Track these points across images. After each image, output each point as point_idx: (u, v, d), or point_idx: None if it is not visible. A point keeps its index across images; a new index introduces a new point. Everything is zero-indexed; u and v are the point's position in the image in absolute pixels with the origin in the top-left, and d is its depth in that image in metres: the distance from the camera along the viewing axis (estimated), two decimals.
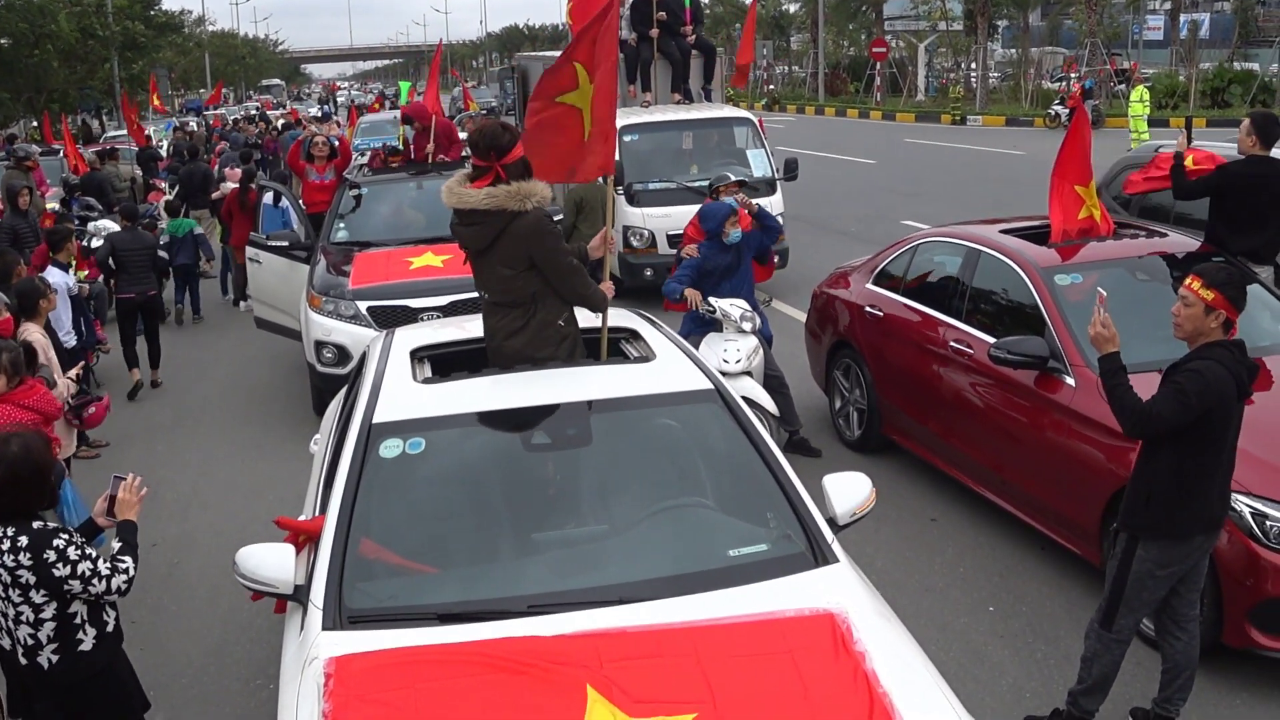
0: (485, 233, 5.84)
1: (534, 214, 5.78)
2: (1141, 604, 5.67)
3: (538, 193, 5.81)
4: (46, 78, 44.16)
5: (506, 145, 5.79)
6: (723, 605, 4.38)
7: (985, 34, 52.99)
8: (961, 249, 8.95)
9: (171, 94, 74.62)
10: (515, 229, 5.76)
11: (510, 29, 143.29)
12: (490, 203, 5.74)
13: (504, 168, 5.78)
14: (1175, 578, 5.62)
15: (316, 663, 4.20)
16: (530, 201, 5.76)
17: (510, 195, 5.73)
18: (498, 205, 5.74)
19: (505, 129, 5.90)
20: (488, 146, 5.80)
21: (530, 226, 5.77)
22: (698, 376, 5.59)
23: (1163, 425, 5.34)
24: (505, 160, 5.78)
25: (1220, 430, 5.43)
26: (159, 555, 8.50)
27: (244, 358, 14.40)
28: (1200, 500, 5.47)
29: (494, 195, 5.74)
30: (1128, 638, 5.76)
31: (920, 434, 9.05)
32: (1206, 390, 5.27)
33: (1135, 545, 5.57)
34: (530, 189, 5.77)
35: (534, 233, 5.78)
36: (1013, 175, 26.64)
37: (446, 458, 5.27)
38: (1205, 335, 5.45)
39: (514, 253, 5.82)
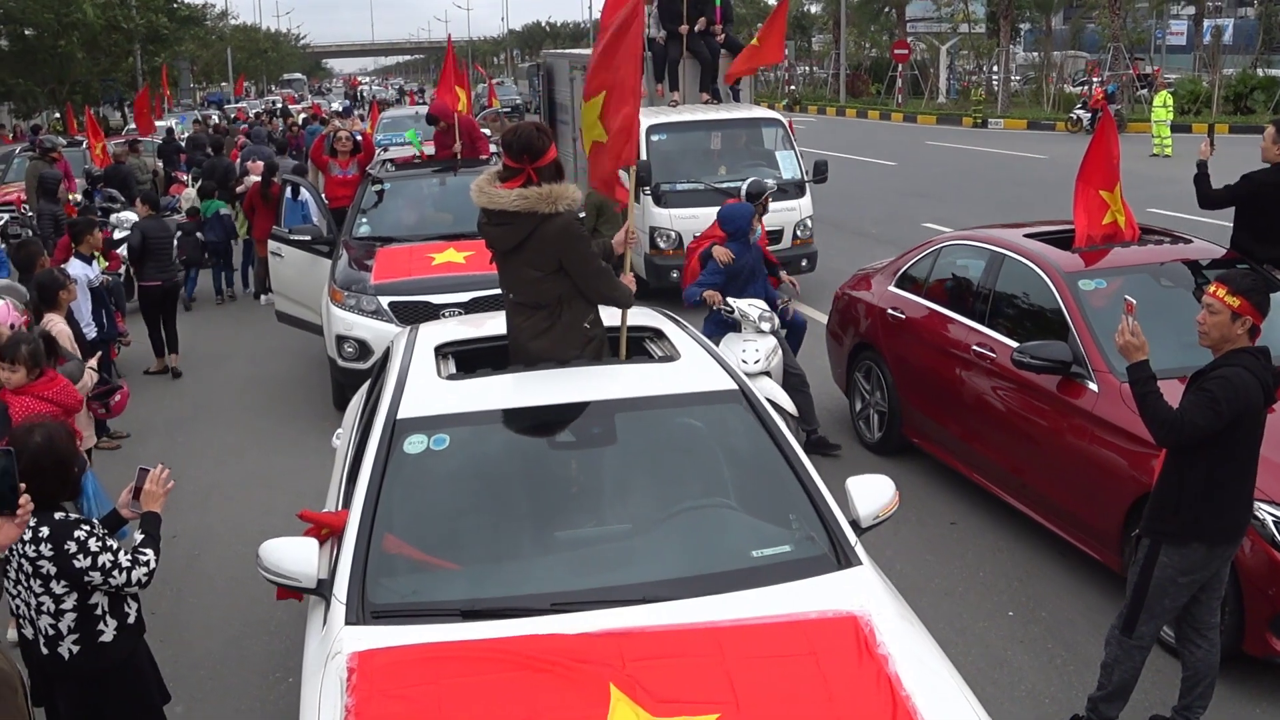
0: (515, 234, 5.80)
1: (565, 217, 5.74)
2: (1163, 610, 5.63)
3: (568, 196, 5.75)
4: (70, 69, 44.35)
5: (540, 148, 5.75)
6: (746, 606, 4.38)
7: (1008, 37, 52.85)
8: (985, 253, 8.93)
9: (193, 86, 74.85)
10: (545, 231, 5.72)
11: (532, 26, 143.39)
12: (522, 204, 5.71)
13: (536, 170, 5.74)
14: (1197, 585, 5.59)
15: (340, 657, 4.21)
16: (561, 204, 5.71)
17: (542, 198, 5.69)
18: (528, 207, 5.70)
19: (540, 131, 5.86)
20: (521, 149, 5.76)
21: (561, 229, 5.73)
22: (722, 376, 5.58)
23: (1195, 433, 5.31)
24: (538, 163, 5.74)
25: (1246, 437, 5.40)
26: (179, 547, 8.52)
27: (265, 351, 14.44)
28: (1226, 508, 5.44)
29: (525, 197, 5.70)
30: (1148, 644, 5.73)
31: (941, 437, 9.04)
32: (1235, 397, 5.25)
33: (1158, 551, 5.53)
34: (561, 192, 5.72)
35: (564, 236, 5.74)
36: (1034, 179, 26.59)
37: (470, 454, 5.27)
38: (1231, 342, 5.41)
39: (543, 255, 5.78)
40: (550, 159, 5.79)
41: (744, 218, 9.49)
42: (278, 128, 31.88)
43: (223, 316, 16.82)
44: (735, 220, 9.52)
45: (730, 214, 9.62)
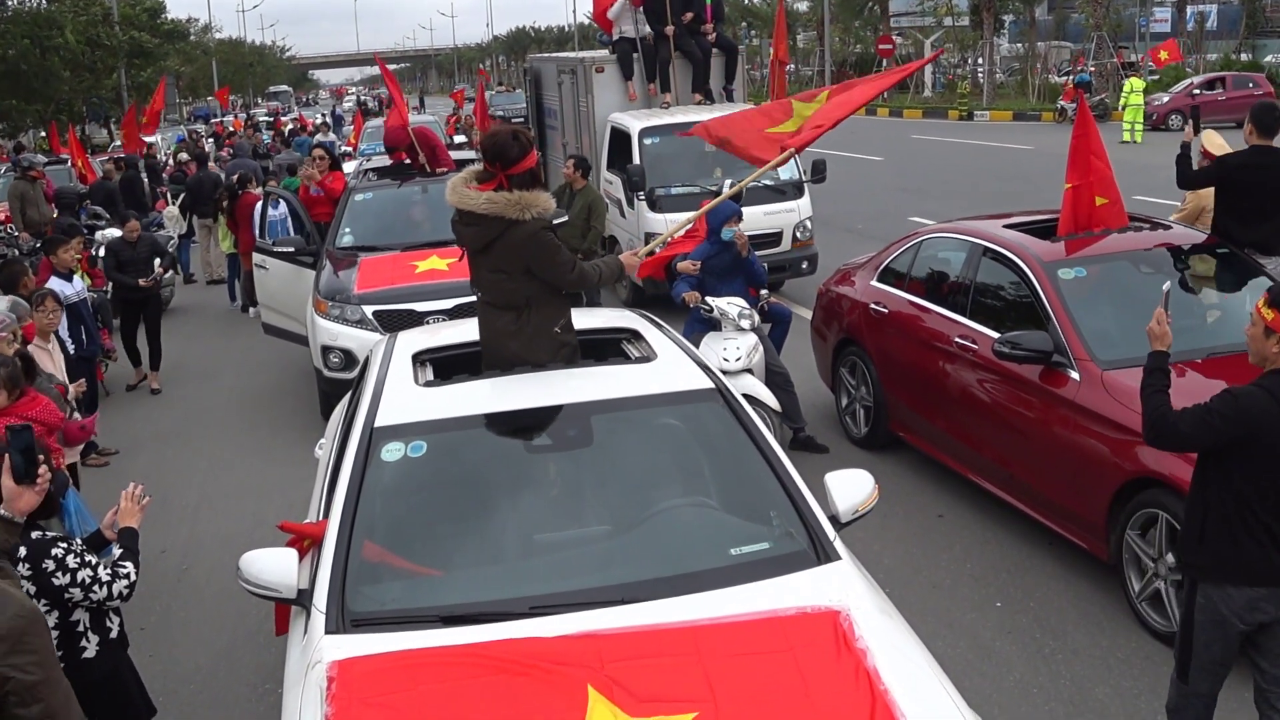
0: (483, 235, 5.85)
1: (531, 225, 5.74)
2: (1212, 661, 5.08)
3: (539, 204, 5.78)
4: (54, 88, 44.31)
5: (514, 157, 5.79)
6: (724, 604, 4.38)
7: (991, 29, 52.98)
8: (965, 244, 8.94)
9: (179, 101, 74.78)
10: (511, 237, 5.75)
11: (517, 31, 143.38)
12: (489, 208, 5.74)
13: (509, 176, 5.78)
14: (1242, 635, 5.01)
15: (319, 666, 4.20)
16: (530, 211, 5.73)
17: (510, 203, 5.72)
18: (496, 211, 5.73)
19: (517, 140, 5.87)
20: (495, 154, 5.81)
21: (527, 237, 5.75)
22: (699, 376, 5.59)
23: (1177, 440, 5.02)
24: (511, 170, 5.79)
25: (1269, 466, 4.84)
26: (168, 561, 8.52)
27: (252, 364, 14.44)
28: (1259, 544, 4.88)
29: (494, 201, 5.74)
30: (1207, 696, 5.20)
31: (927, 430, 9.05)
32: (1237, 416, 4.81)
33: (1195, 589, 5.09)
34: (532, 199, 5.75)
35: (530, 243, 5.76)
36: (1020, 170, 26.62)
37: (448, 460, 5.27)
38: (1270, 361, 4.90)
39: (508, 259, 5.83)
40: (524, 167, 5.81)
41: (717, 216, 9.49)
42: (261, 140, 31.86)
43: (211, 330, 16.82)
44: (708, 217, 9.53)
45: (712, 210, 9.65)
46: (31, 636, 3.54)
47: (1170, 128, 35.63)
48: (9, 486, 4.12)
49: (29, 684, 3.49)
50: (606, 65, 17.22)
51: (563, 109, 18.87)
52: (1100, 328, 7.61)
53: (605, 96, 17.04)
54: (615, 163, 15.97)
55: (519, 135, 5.94)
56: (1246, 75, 39.52)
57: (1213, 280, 8.31)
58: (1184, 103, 35.20)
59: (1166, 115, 36.21)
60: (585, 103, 17.36)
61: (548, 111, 20.27)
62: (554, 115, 19.62)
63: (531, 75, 22.04)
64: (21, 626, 3.52)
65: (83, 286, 11.99)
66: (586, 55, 19.08)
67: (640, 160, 15.10)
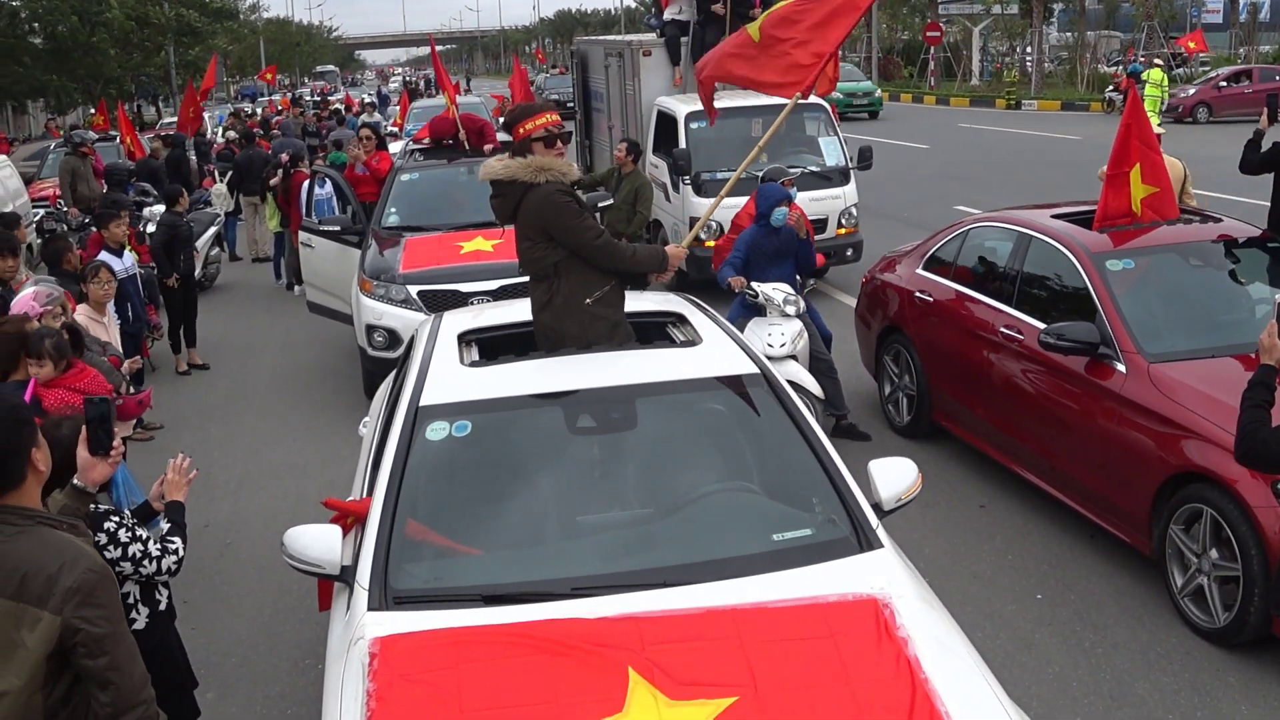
0: (506, 204, 6.04)
1: (545, 187, 5.89)
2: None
3: (555, 168, 5.94)
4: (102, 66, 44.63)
5: (511, 121, 6.10)
6: (766, 589, 4.38)
7: (1041, 18, 52.50)
8: (1012, 234, 8.88)
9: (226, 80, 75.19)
10: (528, 200, 5.93)
11: (563, 13, 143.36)
12: (505, 173, 5.96)
13: (513, 146, 6.04)
14: None
15: (362, 642, 4.23)
16: (544, 175, 5.90)
17: (524, 167, 5.91)
18: (510, 175, 5.94)
19: (521, 110, 6.15)
20: (506, 125, 6.23)
21: (540, 199, 5.89)
22: (744, 360, 5.58)
23: (1266, 458, 4.84)
24: (514, 138, 6.03)
25: None
26: (211, 536, 8.60)
27: (297, 341, 14.53)
28: None
29: (509, 166, 5.96)
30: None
31: (970, 420, 9.00)
32: None
33: None
34: (548, 164, 5.93)
35: (543, 205, 5.89)
36: (1068, 160, 26.40)
37: (492, 440, 5.29)
38: None
39: (529, 224, 5.98)
40: (515, 137, 6.02)
41: (766, 199, 9.49)
42: (311, 119, 32.01)
43: (255, 307, 16.92)
44: (756, 201, 9.53)
45: (761, 192, 9.64)
46: (101, 592, 3.62)
47: (1197, 120, 35.33)
48: (84, 457, 4.17)
49: (97, 637, 3.58)
50: (654, 49, 17.17)
51: (609, 92, 18.82)
52: (1147, 320, 7.55)
53: (652, 80, 17.00)
54: (661, 147, 15.94)
55: (522, 108, 6.23)
56: (1273, 69, 39.08)
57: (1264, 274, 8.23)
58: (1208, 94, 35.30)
59: (1193, 107, 35.84)
60: (632, 86, 17.32)
61: (594, 95, 20.25)
62: (600, 99, 19.59)
63: (578, 58, 21.98)
64: (93, 580, 3.60)
65: (132, 262, 12.08)
66: (634, 39, 19.03)
67: (686, 145, 15.06)
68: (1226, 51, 53.95)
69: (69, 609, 3.53)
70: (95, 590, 3.60)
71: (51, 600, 3.53)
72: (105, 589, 3.65)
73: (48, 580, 3.54)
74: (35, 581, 3.54)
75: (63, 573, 3.55)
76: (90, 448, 4.16)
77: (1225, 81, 37.11)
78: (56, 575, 3.55)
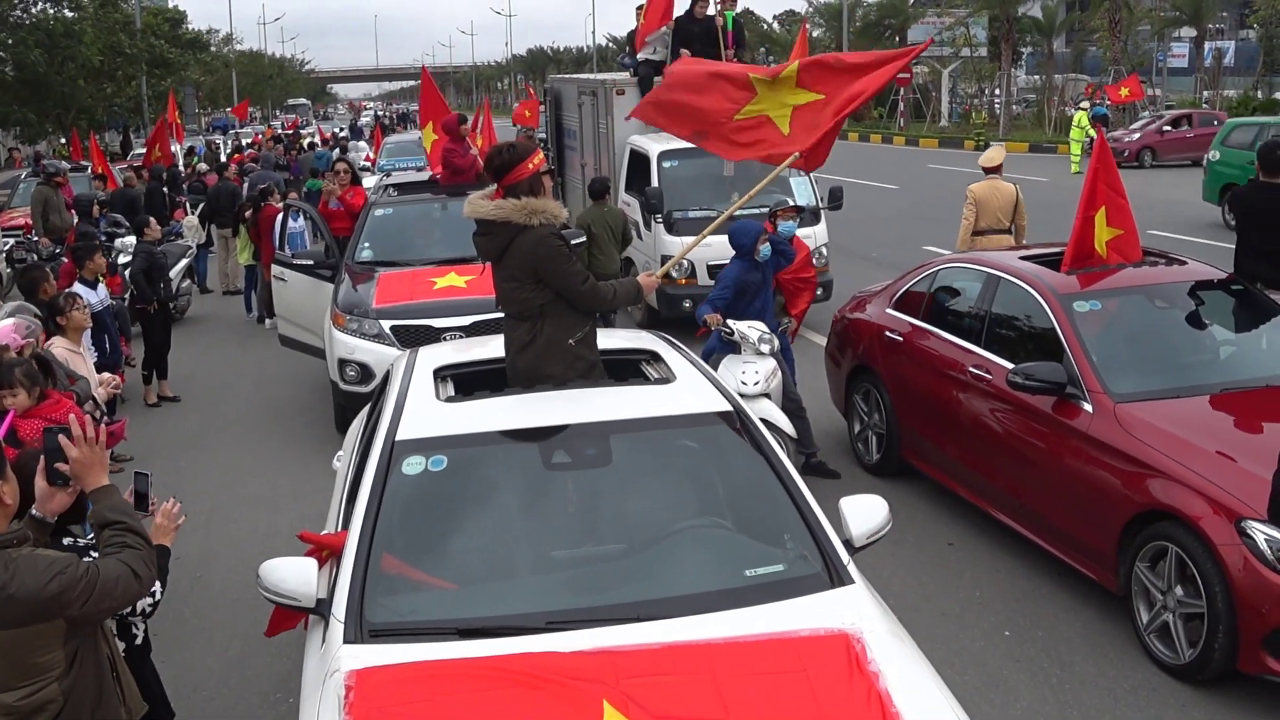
0: (496, 244, 6.02)
1: (538, 230, 5.90)
2: None
3: (547, 210, 5.95)
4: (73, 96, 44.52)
5: (499, 167, 6.02)
6: (739, 624, 4.43)
7: (1009, 61, 53.10)
8: (981, 274, 9.00)
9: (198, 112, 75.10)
10: (520, 243, 5.93)
11: (536, 51, 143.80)
12: (497, 214, 5.94)
13: (505, 187, 5.98)
14: None
15: (337, 675, 4.26)
16: (537, 218, 5.90)
17: (518, 209, 5.90)
18: (504, 217, 5.92)
19: (500, 151, 6.09)
20: (487, 168, 6.12)
21: (534, 242, 5.90)
22: (717, 398, 5.65)
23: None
24: (505, 180, 5.98)
25: None
26: (181, 568, 8.56)
27: (269, 375, 14.52)
28: None
29: (501, 207, 5.94)
30: None
31: (939, 458, 9.09)
32: None
33: None
34: (539, 206, 5.92)
35: (537, 248, 5.91)
36: (1035, 202, 26.50)
37: (468, 475, 5.33)
38: None
39: (518, 266, 5.98)
40: (517, 176, 5.97)
41: (748, 235, 9.55)
42: (281, 152, 32.00)
43: (226, 340, 16.90)
44: (737, 237, 9.59)
45: (736, 231, 9.69)
46: (68, 591, 3.74)
47: (1144, 164, 35.80)
48: (41, 487, 4.17)
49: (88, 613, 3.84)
50: (627, 88, 17.31)
51: (582, 130, 18.95)
52: (1114, 361, 7.66)
53: None
54: (634, 185, 16.05)
55: (505, 146, 6.14)
56: (1211, 114, 39.85)
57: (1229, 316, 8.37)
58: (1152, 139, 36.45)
59: (1139, 151, 36.33)
60: (605, 124, 17.44)
61: (567, 132, 20.37)
62: (573, 136, 19.71)
63: (551, 96, 22.11)
64: (56, 587, 3.73)
65: (105, 294, 12.08)
66: (608, 77, 19.17)
67: (658, 183, 15.16)
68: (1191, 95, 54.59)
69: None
70: (63, 593, 3.72)
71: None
72: (70, 586, 3.76)
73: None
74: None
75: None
76: (48, 477, 4.15)
77: (1168, 126, 37.69)
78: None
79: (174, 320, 15.35)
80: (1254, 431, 7.06)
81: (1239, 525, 6.20)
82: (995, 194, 12.97)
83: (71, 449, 4.07)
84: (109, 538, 4.07)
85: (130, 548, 4.03)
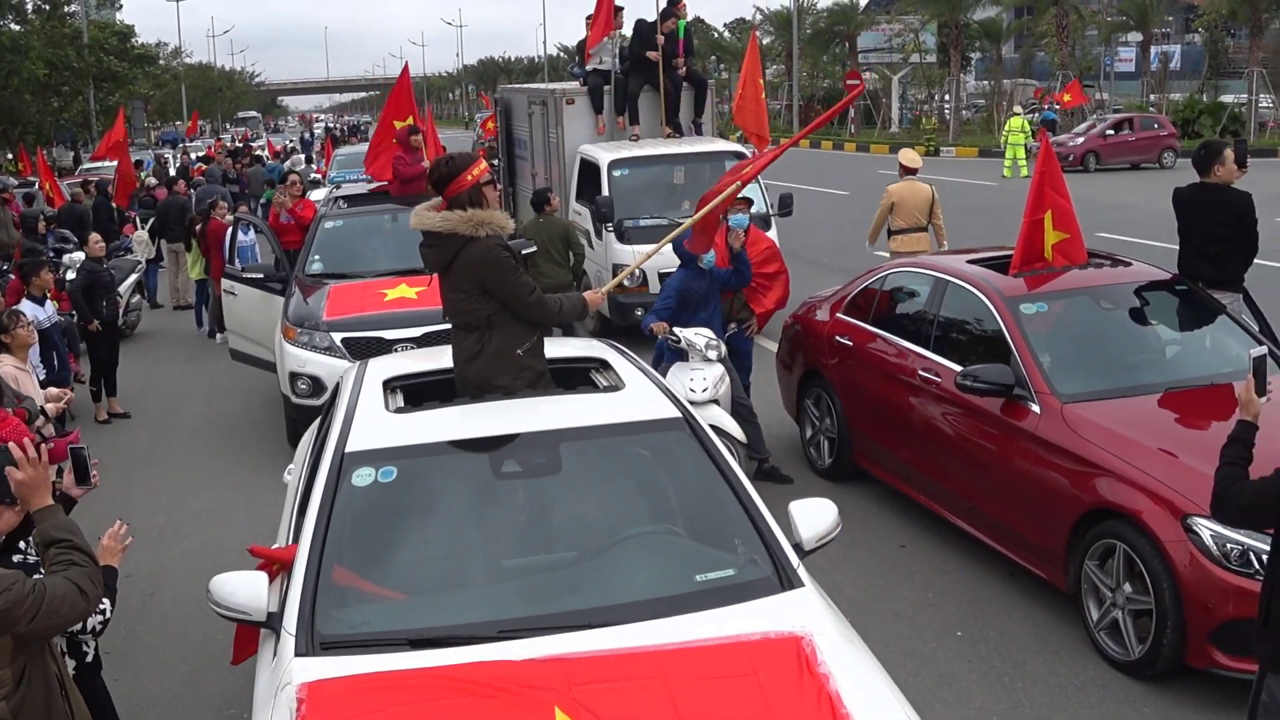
0: (442, 255, 6.05)
1: (485, 242, 5.93)
2: None
3: (494, 221, 5.98)
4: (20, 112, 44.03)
5: (440, 179, 6.05)
6: (690, 629, 4.45)
7: (958, 66, 53.53)
8: (929, 279, 9.06)
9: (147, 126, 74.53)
10: (466, 254, 5.95)
11: (487, 61, 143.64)
12: (444, 225, 5.97)
13: (448, 199, 6.01)
14: None
15: (289, 688, 4.25)
16: (484, 229, 5.93)
17: (464, 220, 5.93)
18: (450, 228, 5.95)
19: (441, 163, 6.14)
20: (429, 180, 6.16)
21: (479, 254, 5.93)
22: (666, 405, 5.67)
23: (1235, 514, 4.72)
24: (447, 192, 6.02)
25: None
26: (133, 585, 8.50)
27: (218, 390, 14.43)
28: None
29: (448, 219, 5.97)
30: None
31: (890, 462, 9.14)
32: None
33: (1263, 679, 4.62)
34: (486, 217, 5.95)
35: (482, 260, 5.94)
36: (985, 206, 26.87)
37: (418, 486, 5.33)
38: None
39: (465, 277, 6.00)
40: (458, 188, 5.99)
41: None
42: (230, 166, 31.79)
43: (177, 356, 16.79)
44: (680, 245, 9.58)
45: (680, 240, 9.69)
46: (14, 607, 3.75)
47: (1088, 168, 36.16)
48: None
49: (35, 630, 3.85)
50: (577, 97, 17.33)
51: (533, 140, 18.95)
52: (1061, 362, 7.75)
53: (575, 128, 17.15)
54: (584, 194, 16.06)
55: (448, 158, 6.17)
56: (1152, 117, 40.49)
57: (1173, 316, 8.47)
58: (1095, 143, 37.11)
59: (1083, 155, 36.70)
60: (555, 134, 17.45)
61: (518, 142, 20.36)
62: (524, 146, 19.70)
63: (502, 106, 22.10)
64: (3, 604, 3.74)
65: (53, 311, 11.98)
66: (557, 87, 19.19)
67: (609, 192, 15.18)
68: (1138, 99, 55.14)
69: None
70: (9, 609, 3.72)
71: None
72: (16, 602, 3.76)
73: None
74: None
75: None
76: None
77: (1111, 130, 38.13)
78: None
79: (124, 336, 15.26)
80: (1199, 429, 7.15)
81: (1185, 522, 6.28)
82: (913, 194, 14.02)
83: (16, 472, 4.04)
84: (55, 555, 4.06)
85: (76, 565, 4.02)
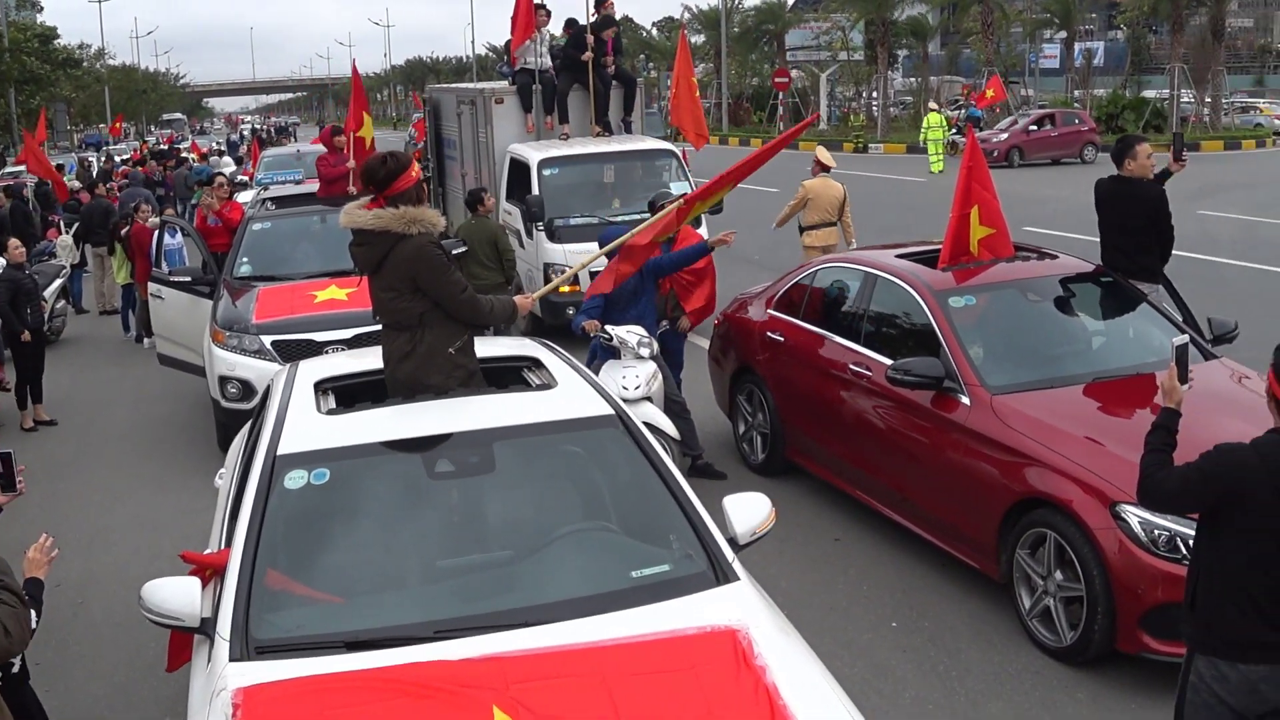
0: (373, 254, 6.01)
1: (417, 239, 5.91)
2: None
3: (426, 219, 5.96)
4: None
5: (384, 178, 6.00)
6: (627, 625, 4.46)
7: (885, 64, 53.95)
8: (859, 273, 9.14)
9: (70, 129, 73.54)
10: (399, 252, 5.92)
11: (414, 61, 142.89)
12: (376, 223, 5.93)
13: (386, 197, 5.98)
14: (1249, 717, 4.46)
15: (224, 694, 4.21)
16: (416, 227, 5.91)
17: (396, 218, 5.90)
18: (382, 226, 5.92)
19: (384, 161, 6.08)
20: (368, 180, 6.07)
21: (412, 251, 5.91)
22: (599, 402, 5.67)
23: (1162, 499, 4.71)
24: (387, 191, 5.99)
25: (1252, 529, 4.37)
26: (62, 595, 8.39)
27: (147, 395, 14.24)
28: (1244, 615, 4.39)
29: (380, 217, 5.94)
30: None
31: (823, 456, 9.20)
32: (1217, 473, 4.42)
33: (1191, 660, 4.59)
34: (418, 215, 5.94)
35: (415, 258, 5.92)
36: (913, 201, 27.09)
37: (351, 488, 5.30)
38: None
39: (397, 275, 5.97)
40: (399, 187, 5.98)
41: None
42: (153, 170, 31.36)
43: (104, 361, 16.55)
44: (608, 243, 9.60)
45: (603, 238, 9.73)
46: None
47: (1013, 163, 36.70)
48: None
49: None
50: (506, 97, 17.29)
51: (462, 140, 18.88)
52: (989, 354, 7.84)
53: (505, 127, 17.11)
54: (514, 194, 16.03)
55: (388, 157, 6.12)
56: (1074, 113, 41.34)
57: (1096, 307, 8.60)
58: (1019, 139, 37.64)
59: (1007, 151, 37.20)
60: (485, 134, 17.40)
61: (447, 142, 20.28)
62: (453, 146, 19.62)
63: (430, 106, 22.02)
64: None
65: None
66: (486, 86, 19.13)
67: (539, 191, 15.16)
68: (1063, 95, 55.85)
69: None
70: None
71: None
72: None
73: None
74: None
75: None
76: None
77: (1034, 126, 38.67)
78: None
79: (49, 342, 15.02)
80: (1125, 418, 7.25)
81: (1114, 510, 6.37)
82: (827, 190, 15.23)
83: None
84: None
85: (3, 604, 3.96)
